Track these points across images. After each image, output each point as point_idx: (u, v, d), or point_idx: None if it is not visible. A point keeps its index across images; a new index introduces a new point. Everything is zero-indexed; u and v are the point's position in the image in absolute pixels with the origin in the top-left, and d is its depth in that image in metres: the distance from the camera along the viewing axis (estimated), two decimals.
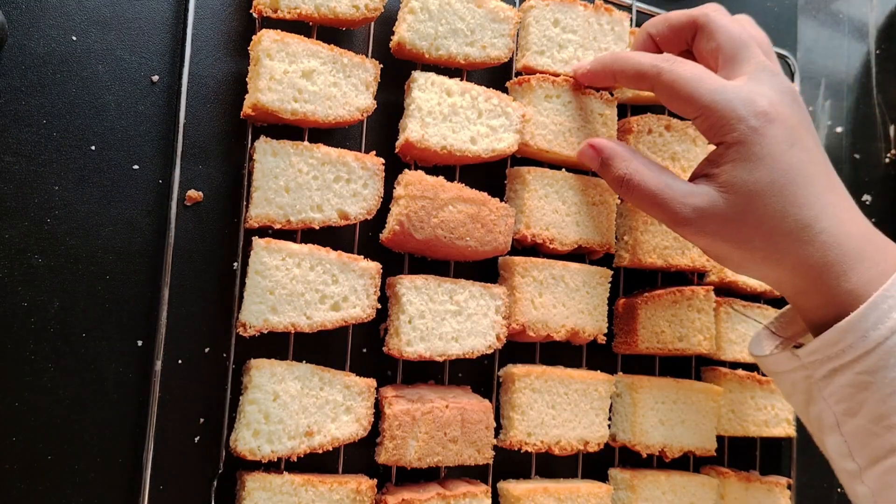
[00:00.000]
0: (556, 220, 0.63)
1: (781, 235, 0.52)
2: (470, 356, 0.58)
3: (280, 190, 0.53)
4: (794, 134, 0.53)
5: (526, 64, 0.63)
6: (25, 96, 0.50)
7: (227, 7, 0.56)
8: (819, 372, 0.53)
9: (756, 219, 0.53)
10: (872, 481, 0.52)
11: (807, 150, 0.54)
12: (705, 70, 0.55)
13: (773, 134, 0.52)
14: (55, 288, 0.50)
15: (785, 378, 0.57)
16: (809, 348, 0.53)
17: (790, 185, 0.52)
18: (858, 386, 0.51)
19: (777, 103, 0.53)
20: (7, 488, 0.48)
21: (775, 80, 0.55)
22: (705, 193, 0.54)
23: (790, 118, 0.54)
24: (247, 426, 0.51)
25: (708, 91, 0.53)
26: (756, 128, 0.52)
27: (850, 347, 0.50)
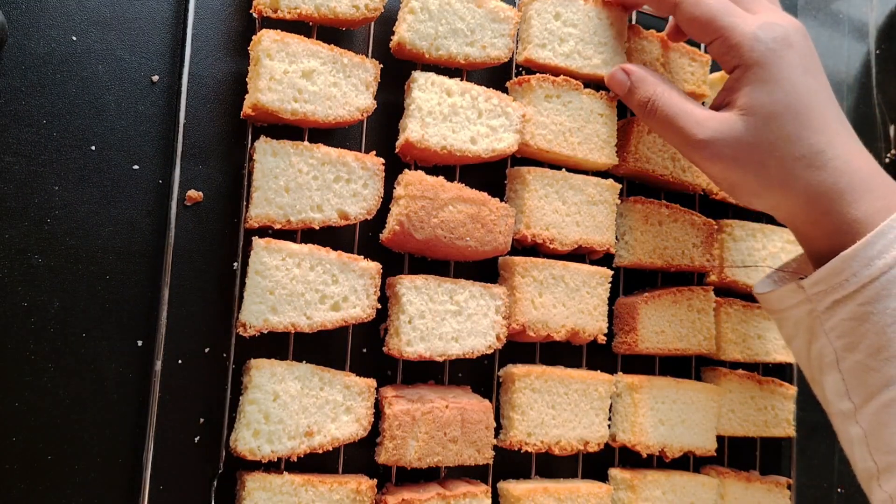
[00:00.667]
0: (556, 220, 0.63)
1: (795, 159, 0.54)
2: (470, 356, 0.58)
3: (280, 190, 0.53)
4: (808, 62, 0.55)
5: (528, 57, 0.63)
6: (25, 96, 0.50)
7: (227, 7, 0.56)
8: (822, 304, 0.54)
9: (772, 141, 0.54)
10: (866, 420, 0.53)
11: (818, 79, 0.56)
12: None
13: (789, 58, 0.54)
14: (55, 288, 0.50)
15: (788, 316, 0.58)
16: (814, 278, 0.54)
17: (806, 110, 0.54)
18: (859, 318, 0.52)
19: (792, 32, 0.56)
20: (7, 488, 0.48)
21: (787, 16, 0.58)
22: (725, 118, 0.56)
23: (804, 48, 0.56)
24: (247, 426, 0.51)
25: (728, 14, 0.56)
26: (774, 49, 0.54)
27: (854, 276, 0.51)
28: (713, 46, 0.57)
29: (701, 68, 0.71)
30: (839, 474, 0.83)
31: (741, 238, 0.73)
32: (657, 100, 0.59)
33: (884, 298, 0.50)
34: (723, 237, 0.72)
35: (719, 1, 0.57)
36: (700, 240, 0.70)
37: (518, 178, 0.63)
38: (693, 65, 0.71)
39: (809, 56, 0.56)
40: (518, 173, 0.63)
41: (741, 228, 0.73)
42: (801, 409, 0.76)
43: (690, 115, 0.57)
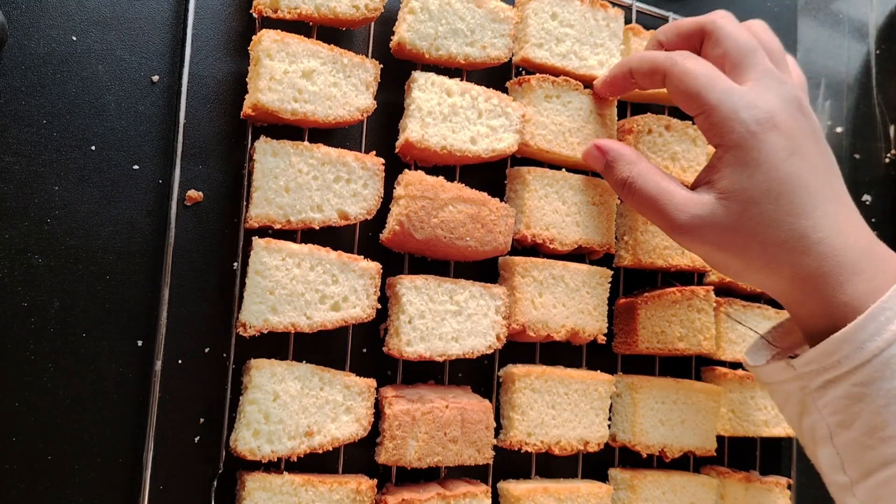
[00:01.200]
0: (557, 220, 0.63)
1: (777, 245, 0.52)
2: (470, 356, 0.58)
3: (280, 190, 0.53)
4: (795, 143, 0.53)
5: (524, 56, 0.63)
6: (25, 96, 0.50)
7: (227, 7, 0.56)
8: (814, 383, 0.53)
9: (752, 227, 0.53)
10: (864, 494, 0.52)
11: (807, 159, 0.53)
12: (716, 70, 0.55)
13: (772, 141, 0.52)
14: (55, 288, 0.50)
15: (779, 389, 0.57)
16: (805, 358, 0.53)
17: (788, 193, 0.52)
18: (853, 398, 0.51)
19: (779, 111, 0.53)
20: (7, 488, 0.48)
21: (782, 88, 0.55)
22: (705, 202, 0.54)
23: (792, 127, 0.53)
24: (247, 426, 0.51)
25: (714, 90, 0.54)
26: (755, 132, 0.52)
27: (846, 358, 0.50)
28: (698, 121, 0.55)
29: None
30: None
31: None
32: (635, 181, 0.57)
33: (878, 380, 0.50)
34: None
35: (707, 73, 0.55)
36: None
37: (518, 178, 0.63)
38: None
39: (800, 135, 0.54)
40: (518, 173, 0.63)
41: None
42: None
43: (670, 197, 0.55)
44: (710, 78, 0.54)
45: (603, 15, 0.66)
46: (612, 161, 0.59)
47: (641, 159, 0.58)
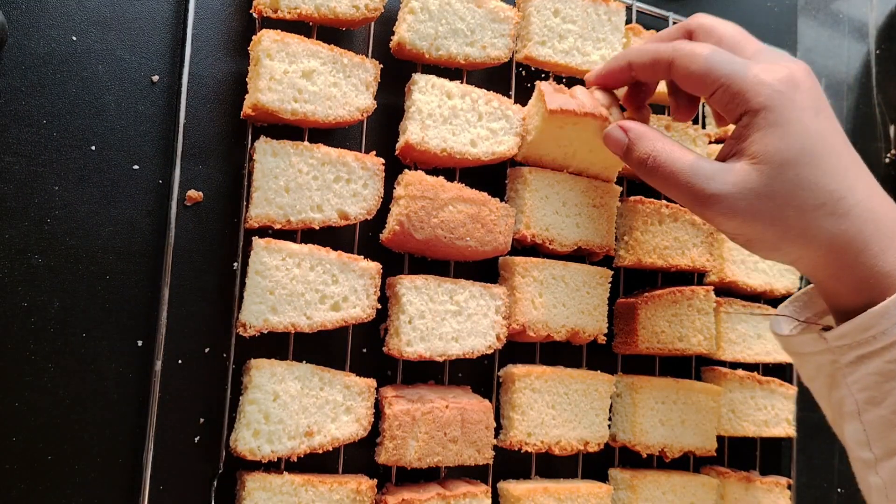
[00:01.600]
0: (557, 221, 0.63)
1: (815, 207, 0.50)
2: (470, 356, 0.58)
3: (280, 190, 0.53)
4: (818, 103, 0.52)
5: (528, 55, 0.63)
6: (25, 96, 0.50)
7: (227, 7, 0.56)
8: (846, 357, 0.51)
9: (789, 190, 0.50)
10: (887, 473, 0.50)
11: (830, 119, 0.53)
12: (720, 48, 0.54)
13: (799, 100, 0.51)
14: (55, 288, 0.50)
15: (808, 360, 0.55)
16: (839, 331, 0.51)
17: (822, 153, 0.50)
18: (886, 374, 0.49)
19: (797, 72, 0.52)
20: (7, 488, 0.48)
21: (790, 57, 0.54)
22: (737, 170, 0.51)
23: (811, 87, 0.52)
24: (247, 426, 0.51)
25: (726, 62, 0.52)
26: (782, 91, 0.51)
27: (882, 334, 0.49)
28: (715, 98, 0.53)
29: None
30: (839, 474, 0.83)
31: None
32: (658, 155, 0.54)
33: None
34: (723, 237, 0.72)
35: (714, 52, 0.53)
36: (700, 240, 0.70)
37: (519, 177, 0.63)
38: None
39: (819, 97, 0.53)
40: (519, 173, 0.63)
41: None
42: (801, 409, 0.76)
43: (697, 169, 0.52)
44: (719, 54, 0.53)
45: (605, 9, 0.66)
46: (635, 138, 0.56)
47: (665, 137, 0.56)
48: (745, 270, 0.73)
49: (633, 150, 0.56)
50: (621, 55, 0.59)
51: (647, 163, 0.55)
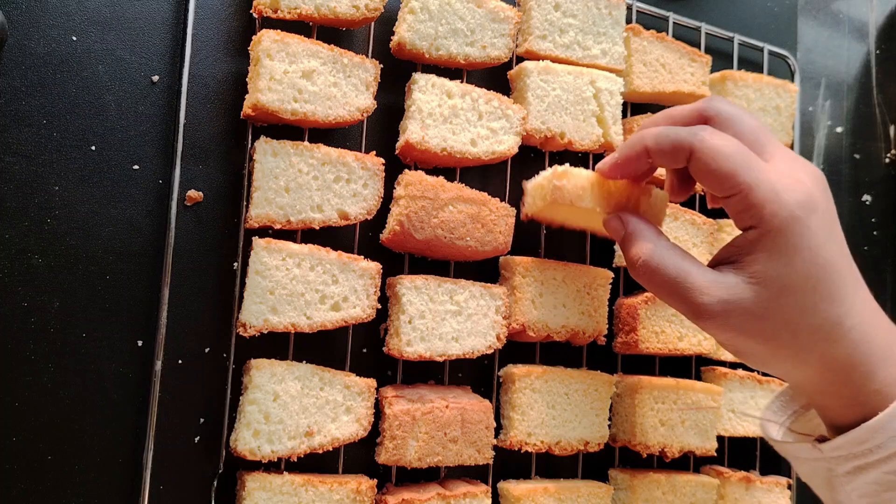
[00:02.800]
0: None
1: (810, 332, 0.49)
2: (470, 356, 0.58)
3: (280, 190, 0.53)
4: (830, 226, 0.50)
5: (528, 49, 0.64)
6: (25, 96, 0.50)
7: (227, 7, 0.56)
8: (843, 467, 0.51)
9: (785, 314, 0.49)
10: None
11: (839, 241, 0.50)
12: (746, 148, 0.50)
13: (815, 225, 0.49)
14: (55, 288, 0.50)
15: (804, 465, 0.54)
16: (834, 444, 0.50)
17: (825, 280, 0.49)
18: (885, 484, 0.49)
19: (815, 191, 0.50)
20: (7, 488, 0.48)
21: (807, 165, 0.51)
22: (731, 285, 0.49)
23: (827, 208, 0.50)
24: (247, 426, 0.51)
25: (750, 169, 0.49)
26: (799, 217, 0.48)
27: (878, 447, 0.48)
28: (730, 202, 0.50)
29: (701, 68, 0.71)
30: None
31: None
32: (650, 260, 0.51)
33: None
34: (723, 237, 0.72)
35: (738, 151, 0.49)
36: (700, 240, 0.70)
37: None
38: (693, 65, 0.71)
39: (832, 217, 0.50)
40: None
41: None
42: None
43: (692, 279, 0.50)
44: (743, 156, 0.49)
45: (605, 3, 0.66)
46: (631, 234, 0.54)
47: (662, 237, 0.53)
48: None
49: (629, 246, 0.54)
50: (637, 140, 0.54)
51: (636, 264, 0.52)
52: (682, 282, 0.50)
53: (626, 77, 0.68)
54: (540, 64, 0.63)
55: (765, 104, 0.76)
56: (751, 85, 0.75)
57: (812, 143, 0.87)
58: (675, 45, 0.70)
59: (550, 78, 0.63)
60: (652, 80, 0.69)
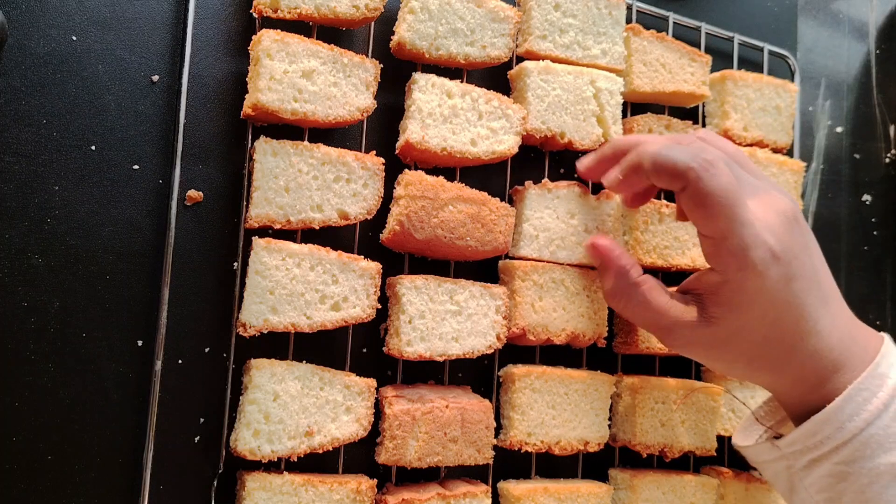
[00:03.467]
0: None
1: (764, 359, 0.54)
2: (470, 356, 0.58)
3: (280, 190, 0.53)
4: (793, 266, 0.52)
5: (528, 49, 0.64)
6: (25, 96, 0.50)
7: (227, 7, 0.56)
8: (799, 462, 0.54)
9: (741, 348, 0.54)
10: None
11: (803, 277, 0.53)
12: (736, 185, 0.52)
13: (772, 276, 0.52)
14: (55, 288, 0.50)
15: (768, 467, 0.58)
16: (788, 439, 0.54)
17: (783, 318, 0.53)
18: (837, 476, 0.52)
19: (782, 236, 0.52)
20: (7, 488, 0.48)
21: (775, 201, 0.54)
22: (693, 322, 0.54)
23: (790, 248, 0.52)
24: (247, 426, 0.51)
25: (731, 217, 0.51)
26: (760, 272, 0.51)
27: (828, 438, 0.52)
28: (704, 240, 0.53)
29: (701, 68, 0.71)
30: None
31: None
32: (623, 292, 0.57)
33: (859, 459, 0.51)
34: None
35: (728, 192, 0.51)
36: None
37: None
38: (693, 65, 0.71)
39: (800, 252, 0.53)
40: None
41: None
42: None
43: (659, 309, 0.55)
44: (729, 199, 0.51)
45: (605, 3, 0.66)
46: (603, 268, 0.59)
47: (631, 271, 0.57)
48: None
49: (603, 275, 0.59)
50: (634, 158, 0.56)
51: (613, 293, 0.58)
52: (649, 310, 0.55)
53: (626, 77, 0.68)
54: (540, 64, 0.63)
55: (765, 104, 0.76)
56: (751, 85, 0.75)
57: (812, 143, 0.87)
58: (675, 45, 0.70)
59: (550, 78, 0.63)
60: (652, 79, 0.69)
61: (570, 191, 0.64)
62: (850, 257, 0.86)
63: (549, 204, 0.63)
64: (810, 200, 0.85)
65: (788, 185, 0.76)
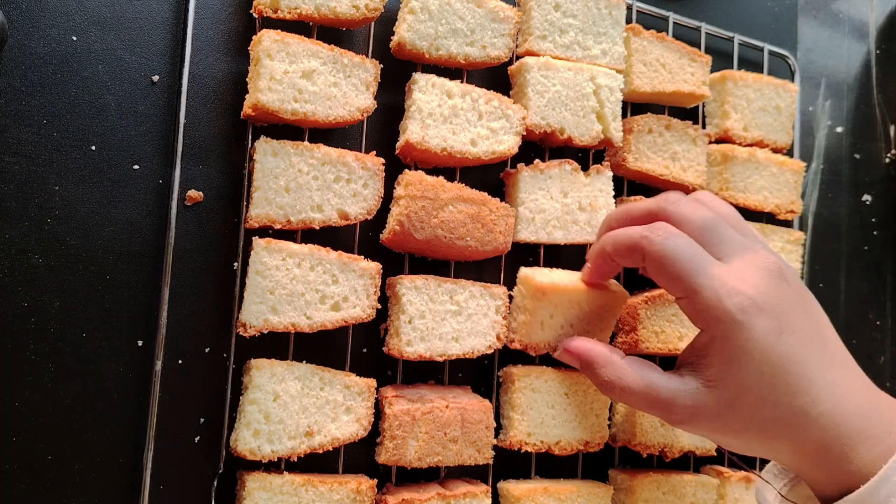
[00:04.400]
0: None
1: (775, 424, 0.51)
2: (470, 356, 0.58)
3: (280, 190, 0.53)
4: (783, 320, 0.51)
5: (528, 49, 0.64)
6: (25, 96, 0.50)
7: (227, 7, 0.56)
8: None
9: (748, 411, 0.51)
10: None
11: (798, 332, 0.51)
12: (695, 247, 0.52)
13: (759, 327, 0.50)
14: (55, 288, 0.50)
15: None
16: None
17: (782, 374, 0.50)
18: None
19: (763, 289, 0.51)
20: (7, 488, 0.48)
21: (759, 258, 0.52)
22: (693, 391, 0.52)
23: (778, 303, 0.51)
24: (247, 426, 0.51)
25: (695, 274, 0.51)
26: (741, 322, 0.50)
27: None
28: (680, 303, 0.53)
29: (701, 68, 0.71)
30: None
31: None
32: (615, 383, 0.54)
33: None
34: None
35: (686, 252, 0.51)
36: None
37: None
38: (693, 65, 0.71)
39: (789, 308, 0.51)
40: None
41: None
42: None
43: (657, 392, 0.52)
44: (689, 258, 0.51)
45: (605, 3, 0.66)
46: (587, 364, 0.56)
47: (614, 354, 0.55)
48: None
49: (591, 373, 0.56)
50: (598, 247, 0.58)
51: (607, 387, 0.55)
52: (648, 396, 0.52)
53: (626, 77, 0.68)
54: (540, 60, 0.63)
55: (765, 104, 0.76)
56: (751, 85, 0.75)
57: (812, 143, 0.87)
58: (675, 45, 0.70)
59: (550, 74, 0.63)
60: (652, 80, 0.69)
61: (561, 169, 0.64)
62: (850, 257, 0.86)
63: (541, 185, 0.63)
64: (810, 200, 0.85)
65: (788, 185, 0.76)
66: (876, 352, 0.86)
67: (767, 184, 0.75)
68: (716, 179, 0.73)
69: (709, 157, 0.73)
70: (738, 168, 0.73)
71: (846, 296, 0.56)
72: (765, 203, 0.75)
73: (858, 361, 0.55)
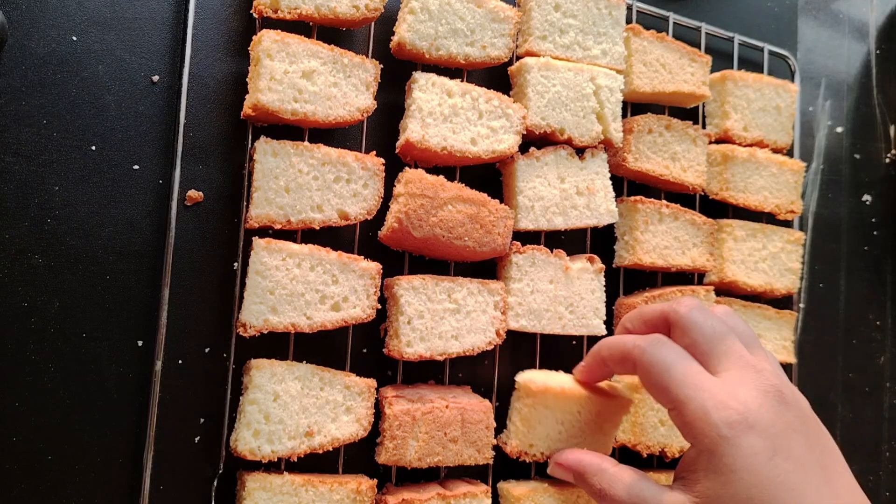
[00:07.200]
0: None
1: None
2: (470, 353, 0.58)
3: (280, 190, 0.53)
4: (777, 442, 0.49)
5: (528, 49, 0.64)
6: (25, 96, 0.50)
7: (227, 7, 0.56)
8: None
9: None
10: None
11: (793, 457, 0.49)
12: (687, 359, 0.52)
13: (747, 444, 0.48)
14: (55, 288, 0.50)
15: None
16: None
17: (773, 500, 0.47)
18: None
19: (755, 408, 0.49)
20: (7, 488, 0.48)
21: (758, 378, 0.51)
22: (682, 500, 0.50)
23: (772, 424, 0.49)
24: (247, 426, 0.51)
25: (684, 385, 0.50)
26: (727, 437, 0.48)
27: None
28: (670, 414, 0.52)
29: (701, 68, 0.71)
30: None
31: (741, 238, 0.73)
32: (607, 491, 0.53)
33: None
34: (723, 237, 0.72)
35: (675, 363, 0.51)
36: (700, 239, 0.70)
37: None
38: (693, 65, 0.71)
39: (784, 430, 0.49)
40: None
41: (741, 228, 0.73)
42: None
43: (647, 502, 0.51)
44: (679, 370, 0.51)
45: (605, 3, 0.66)
46: (579, 475, 0.56)
47: (604, 463, 0.55)
48: (745, 270, 0.73)
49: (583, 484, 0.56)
50: (595, 351, 0.59)
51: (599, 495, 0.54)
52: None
53: (626, 77, 0.68)
54: (540, 60, 0.63)
55: (765, 104, 0.76)
56: (751, 85, 0.75)
57: (812, 143, 0.87)
58: (675, 45, 0.70)
59: (551, 74, 0.63)
60: (652, 80, 0.69)
61: (556, 155, 0.63)
62: (850, 257, 0.86)
63: (538, 172, 0.63)
64: (810, 200, 0.85)
65: (788, 185, 0.76)
66: (876, 352, 0.86)
67: (767, 184, 0.75)
68: (716, 179, 0.73)
69: (709, 157, 0.73)
70: (738, 168, 0.73)
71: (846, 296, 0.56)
72: (765, 203, 0.75)
73: (858, 361, 0.54)
